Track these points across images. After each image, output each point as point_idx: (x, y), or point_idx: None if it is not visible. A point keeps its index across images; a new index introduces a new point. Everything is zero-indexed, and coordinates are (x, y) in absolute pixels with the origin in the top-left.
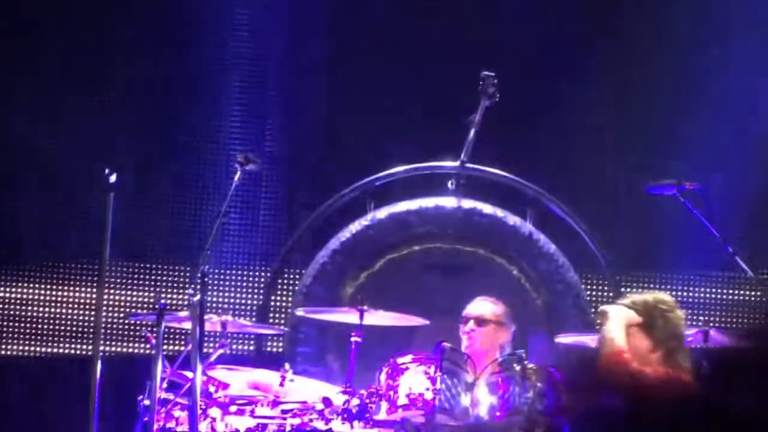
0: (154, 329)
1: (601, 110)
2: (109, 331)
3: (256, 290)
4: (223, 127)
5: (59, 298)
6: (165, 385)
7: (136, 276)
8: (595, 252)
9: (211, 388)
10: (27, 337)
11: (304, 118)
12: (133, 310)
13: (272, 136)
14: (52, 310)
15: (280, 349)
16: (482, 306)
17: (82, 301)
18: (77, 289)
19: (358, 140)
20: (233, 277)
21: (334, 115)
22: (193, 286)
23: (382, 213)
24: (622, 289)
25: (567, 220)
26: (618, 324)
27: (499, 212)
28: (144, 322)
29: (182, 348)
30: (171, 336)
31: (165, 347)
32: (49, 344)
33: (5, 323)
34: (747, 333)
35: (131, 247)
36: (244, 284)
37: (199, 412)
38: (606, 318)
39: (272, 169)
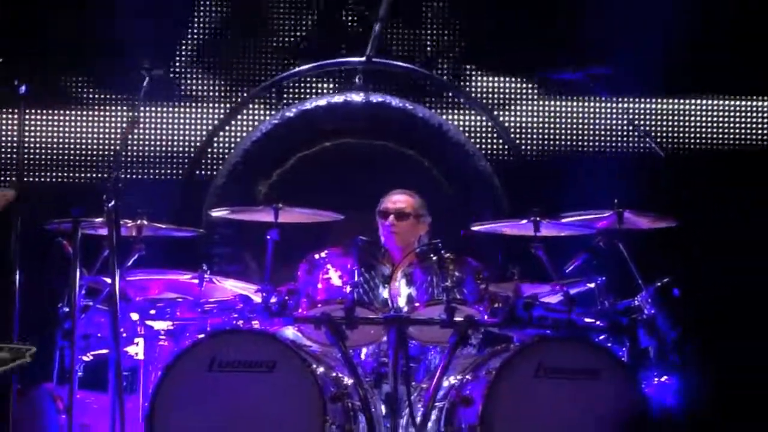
0: (70, 237)
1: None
2: None
3: (170, 193)
4: (127, 36)
5: None
6: (84, 291)
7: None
8: (504, 138)
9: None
10: None
11: (210, 18)
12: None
13: (175, 39)
14: None
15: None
16: (401, 199)
17: None
18: None
19: (265, 39)
20: (147, 182)
21: (240, 14)
22: (107, 192)
23: (292, 110)
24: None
25: (475, 109)
26: None
27: (408, 104)
28: (60, 230)
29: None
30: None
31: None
32: None
33: None
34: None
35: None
36: (159, 188)
37: (119, 316)
38: None
39: (181, 72)
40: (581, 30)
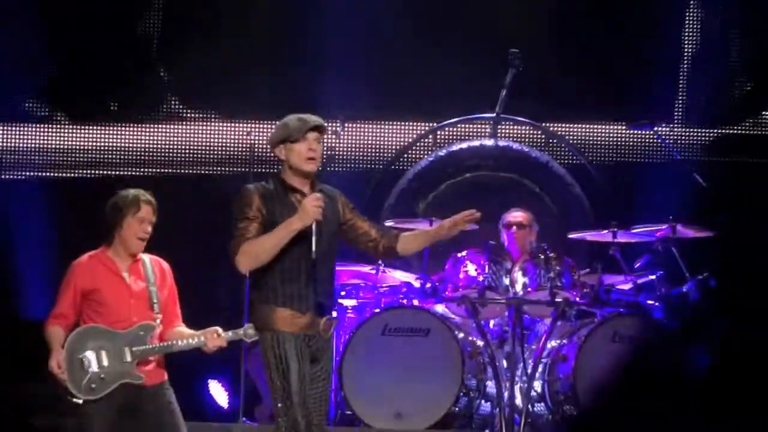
0: None
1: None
2: None
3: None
4: (321, 89)
5: None
6: None
7: None
8: (592, 171)
9: None
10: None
11: (385, 79)
12: None
13: (356, 94)
14: None
15: None
16: (519, 214)
17: None
18: None
19: (424, 98)
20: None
21: (407, 76)
22: None
23: (442, 151)
24: (611, 196)
25: (571, 151)
26: None
27: (525, 147)
28: None
29: None
30: None
31: None
32: None
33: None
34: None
35: None
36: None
37: None
38: None
39: (356, 123)
40: (648, 87)
